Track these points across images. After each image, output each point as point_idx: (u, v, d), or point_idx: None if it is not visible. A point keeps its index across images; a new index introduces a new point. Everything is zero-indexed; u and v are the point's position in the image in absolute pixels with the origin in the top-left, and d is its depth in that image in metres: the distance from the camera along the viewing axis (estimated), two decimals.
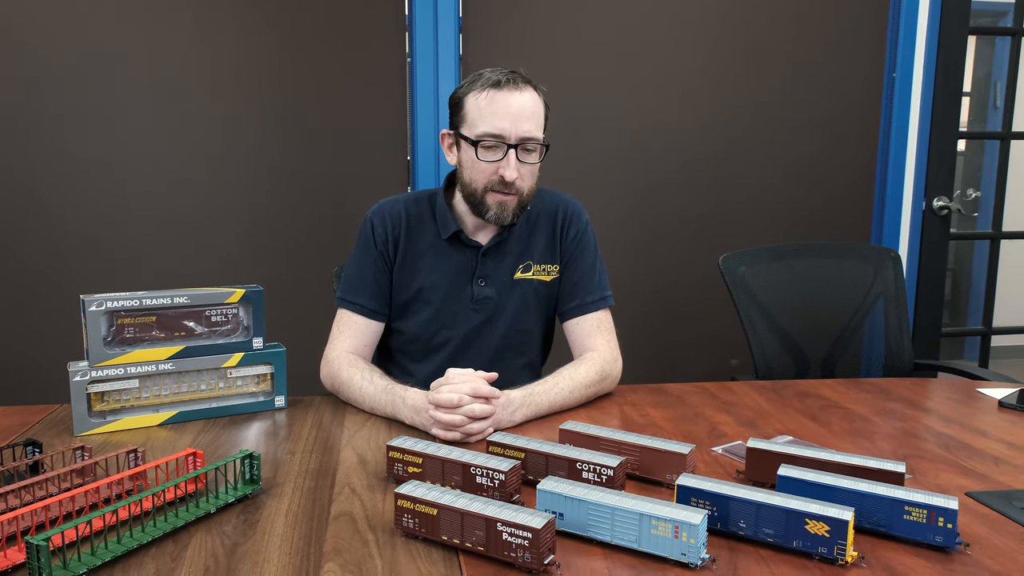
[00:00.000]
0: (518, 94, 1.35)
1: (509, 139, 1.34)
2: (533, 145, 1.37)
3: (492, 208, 1.39)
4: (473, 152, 1.36)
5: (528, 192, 1.41)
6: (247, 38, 2.14)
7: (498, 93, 1.34)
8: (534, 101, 1.37)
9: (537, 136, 1.37)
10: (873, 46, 2.47)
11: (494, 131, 1.34)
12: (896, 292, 1.94)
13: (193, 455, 1.01)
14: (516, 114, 1.34)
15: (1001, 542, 0.88)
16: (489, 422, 1.21)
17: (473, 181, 1.39)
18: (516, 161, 1.36)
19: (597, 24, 2.32)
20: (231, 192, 2.19)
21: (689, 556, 0.82)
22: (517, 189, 1.38)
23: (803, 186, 2.49)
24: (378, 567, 0.82)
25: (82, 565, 0.80)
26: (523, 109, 1.35)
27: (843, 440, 1.22)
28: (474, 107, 1.36)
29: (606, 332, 1.48)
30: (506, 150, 1.35)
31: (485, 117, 1.35)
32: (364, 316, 1.46)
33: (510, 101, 1.34)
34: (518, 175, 1.36)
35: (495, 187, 1.37)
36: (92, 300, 1.20)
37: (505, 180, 1.35)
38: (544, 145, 1.39)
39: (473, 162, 1.38)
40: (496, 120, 1.34)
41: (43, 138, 2.08)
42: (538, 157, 1.39)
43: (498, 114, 1.34)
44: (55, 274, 2.11)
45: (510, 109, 1.34)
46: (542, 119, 1.39)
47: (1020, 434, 1.26)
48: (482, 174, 1.37)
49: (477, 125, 1.36)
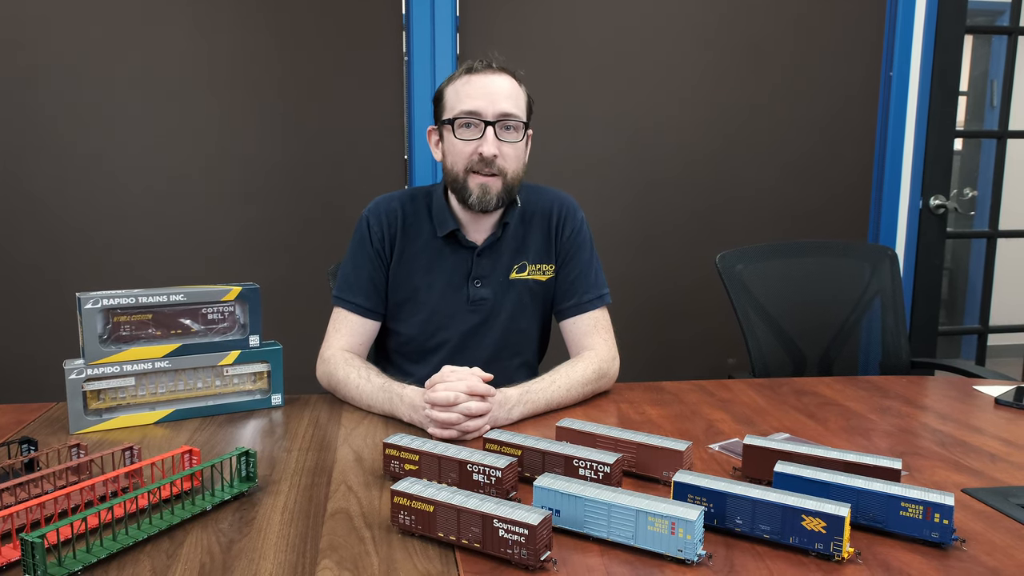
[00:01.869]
0: (493, 75, 1.37)
1: (486, 116, 1.34)
2: (514, 122, 1.37)
3: (474, 191, 1.37)
4: (452, 134, 1.37)
5: (512, 175, 1.39)
6: (244, 36, 2.14)
7: (473, 76, 1.36)
8: (511, 84, 1.38)
9: (516, 113, 1.36)
10: (870, 45, 2.47)
11: (470, 108, 1.35)
12: (893, 291, 1.94)
13: (189, 452, 1.01)
14: (493, 92, 1.35)
15: (997, 538, 0.89)
16: (485, 419, 1.20)
17: (454, 164, 1.39)
18: (495, 138, 1.35)
19: (595, 22, 2.32)
20: (228, 190, 2.19)
21: (686, 552, 0.82)
22: (499, 168, 1.36)
23: (800, 185, 2.49)
24: (374, 564, 0.82)
25: (77, 562, 0.80)
26: (501, 89, 1.36)
27: (840, 437, 1.22)
28: (452, 93, 1.38)
29: (603, 331, 1.48)
30: (484, 127, 1.35)
31: (461, 98, 1.36)
32: (360, 315, 1.45)
33: (485, 82, 1.36)
34: (498, 152, 1.35)
35: (475, 167, 1.36)
36: (88, 297, 1.20)
37: (484, 156, 1.35)
38: (525, 125, 1.39)
39: (452, 144, 1.38)
40: (472, 100, 1.35)
41: (39, 136, 2.07)
42: (519, 137, 1.38)
43: (473, 94, 1.35)
44: (51, 272, 2.11)
45: (487, 88, 1.35)
46: (522, 101, 1.39)
47: (1016, 431, 1.26)
48: (461, 155, 1.37)
49: (454, 107, 1.37)
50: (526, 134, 1.40)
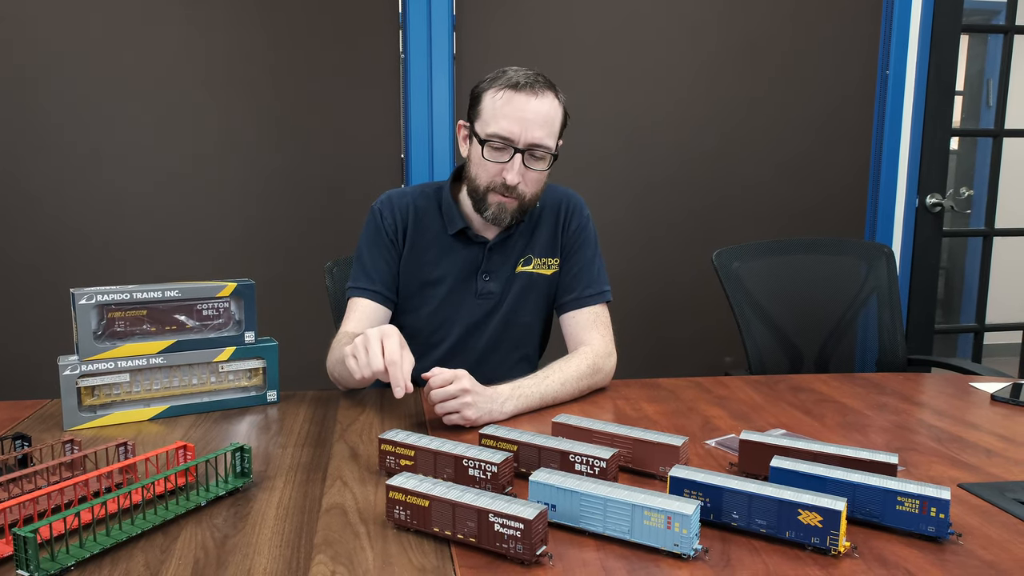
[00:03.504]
0: (535, 99, 1.33)
1: (517, 143, 1.33)
2: (542, 153, 1.36)
3: (491, 208, 1.39)
4: (481, 150, 1.36)
5: (531, 198, 1.41)
6: (241, 35, 2.14)
7: (515, 95, 1.33)
8: (550, 108, 1.35)
9: (547, 144, 1.35)
10: (867, 44, 2.47)
11: (503, 133, 1.33)
12: (889, 288, 1.94)
13: (183, 448, 1.01)
14: (529, 120, 1.33)
15: (993, 532, 0.88)
16: (460, 400, 1.19)
17: (477, 177, 1.39)
18: (521, 166, 1.35)
19: (591, 22, 2.32)
20: (224, 189, 2.18)
21: (682, 547, 0.82)
22: (519, 194, 1.38)
23: (797, 183, 2.50)
24: (369, 559, 0.82)
25: (71, 557, 0.79)
26: (537, 115, 1.33)
27: (836, 433, 1.22)
28: (489, 105, 1.35)
29: (602, 327, 1.48)
30: (512, 154, 1.34)
31: (497, 117, 1.34)
32: (373, 300, 1.45)
33: (525, 106, 1.33)
34: (521, 180, 1.36)
35: (497, 188, 1.37)
36: (82, 294, 1.20)
37: (507, 184, 1.35)
38: (553, 155, 1.38)
39: (480, 159, 1.37)
40: (507, 122, 1.33)
41: (36, 135, 2.07)
42: (546, 165, 1.38)
43: (510, 116, 1.33)
44: (47, 270, 2.10)
45: (524, 113, 1.33)
46: (556, 127, 1.38)
47: (1012, 427, 1.26)
48: (486, 173, 1.37)
49: (489, 124, 1.35)
50: (553, 158, 1.39)
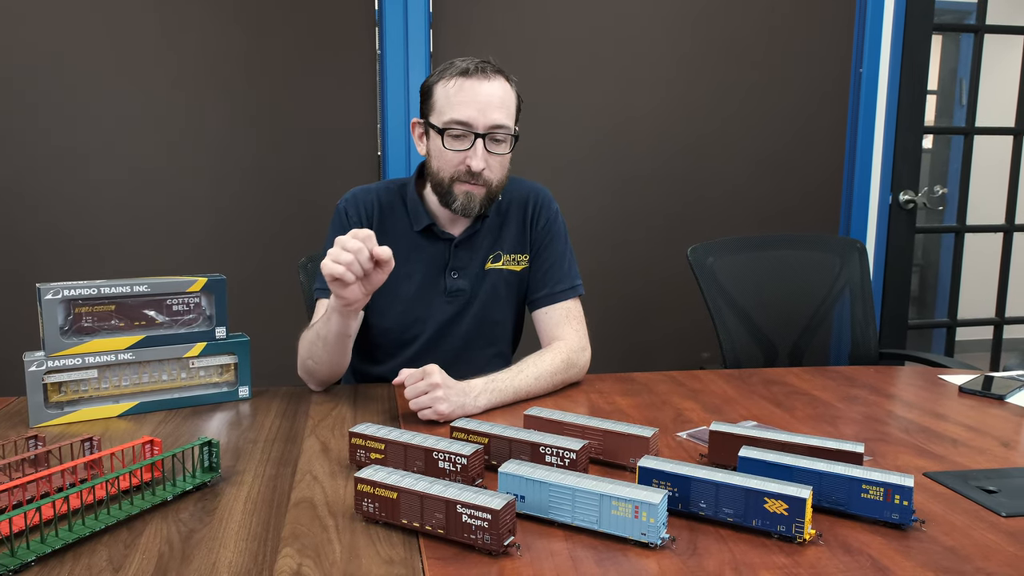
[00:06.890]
0: (487, 83, 1.33)
1: (477, 128, 1.33)
2: (502, 135, 1.36)
3: (459, 198, 1.37)
4: (440, 141, 1.35)
5: (497, 183, 1.40)
6: (216, 31, 2.12)
7: (467, 81, 1.33)
8: (504, 90, 1.35)
9: (506, 125, 1.35)
10: (841, 43, 2.50)
11: (461, 118, 1.32)
12: (862, 283, 1.96)
13: (150, 443, 1.00)
14: (484, 103, 1.32)
15: (956, 519, 0.90)
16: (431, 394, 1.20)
17: (440, 170, 1.38)
18: (484, 151, 1.34)
19: (569, 19, 2.32)
20: (198, 185, 2.16)
21: (649, 536, 0.82)
22: (485, 180, 1.37)
23: (773, 181, 2.52)
24: (336, 551, 0.81)
25: (31, 553, 0.78)
26: (492, 98, 1.33)
27: (807, 425, 1.23)
28: (442, 95, 1.35)
29: (575, 321, 1.48)
30: (473, 139, 1.34)
31: (453, 105, 1.33)
32: None
33: (478, 90, 1.33)
34: (485, 165, 1.35)
35: (462, 177, 1.36)
36: (48, 288, 1.18)
37: (472, 170, 1.34)
38: (514, 136, 1.38)
39: (440, 151, 1.36)
40: (464, 108, 1.32)
41: (2, 129, 2.03)
42: (508, 148, 1.38)
43: (466, 102, 1.32)
44: (15, 264, 2.07)
45: (478, 97, 1.32)
46: (513, 109, 1.38)
47: (979, 417, 1.28)
48: (449, 164, 1.36)
49: (444, 113, 1.34)
50: (515, 140, 1.39)
